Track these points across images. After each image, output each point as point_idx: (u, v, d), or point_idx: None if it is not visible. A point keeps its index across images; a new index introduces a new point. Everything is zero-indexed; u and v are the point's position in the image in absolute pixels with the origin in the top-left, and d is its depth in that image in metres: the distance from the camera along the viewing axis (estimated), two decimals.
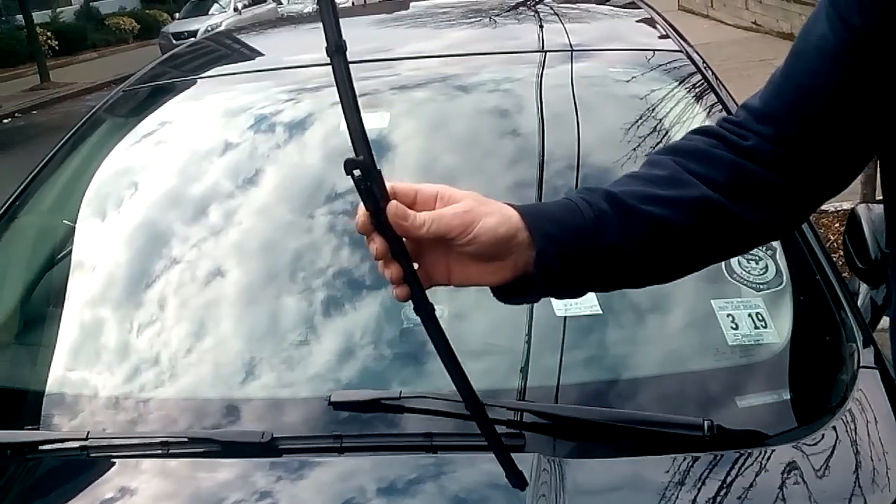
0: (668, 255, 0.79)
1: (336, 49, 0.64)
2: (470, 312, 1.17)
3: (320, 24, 0.65)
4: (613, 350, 1.10)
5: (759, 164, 0.79)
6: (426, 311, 0.72)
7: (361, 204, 0.68)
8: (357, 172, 0.65)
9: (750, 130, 0.81)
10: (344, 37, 0.64)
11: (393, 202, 0.69)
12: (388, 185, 0.69)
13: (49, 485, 1.03)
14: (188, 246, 1.35)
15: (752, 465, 0.94)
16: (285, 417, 1.05)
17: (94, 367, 1.20)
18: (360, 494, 0.93)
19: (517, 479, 0.77)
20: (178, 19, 17.61)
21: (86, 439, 1.03)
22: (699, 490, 0.90)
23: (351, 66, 0.65)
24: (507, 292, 0.76)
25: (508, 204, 0.74)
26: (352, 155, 0.65)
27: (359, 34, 2.17)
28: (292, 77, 1.71)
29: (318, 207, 1.34)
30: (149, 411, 1.10)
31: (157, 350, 1.19)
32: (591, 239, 0.74)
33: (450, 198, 0.72)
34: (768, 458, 0.94)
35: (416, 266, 0.72)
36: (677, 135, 1.41)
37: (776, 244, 1.19)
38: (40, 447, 1.05)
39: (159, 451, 1.01)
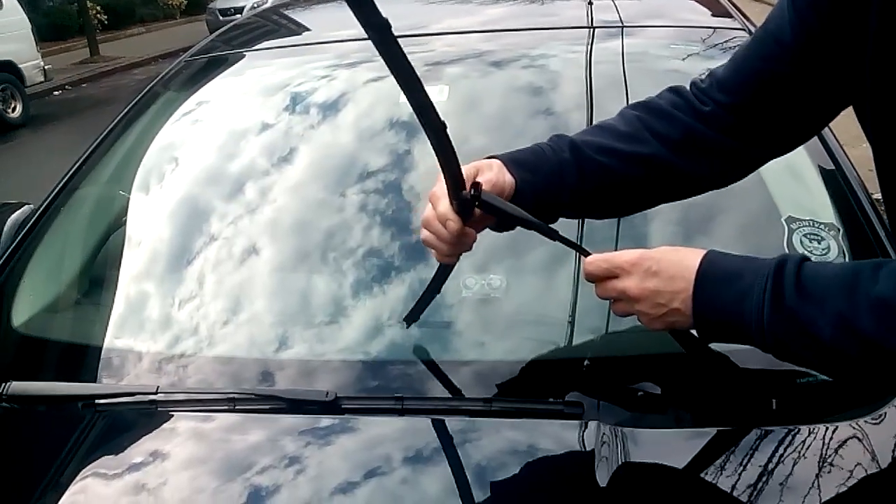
0: (616, 196, 0.97)
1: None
2: (521, 284, 1.19)
3: None
4: None
5: (711, 127, 0.94)
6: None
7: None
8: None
9: (709, 97, 0.95)
10: (399, 13, 0.68)
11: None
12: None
13: (118, 436, 1.07)
14: (249, 211, 1.38)
15: (809, 441, 0.94)
16: (347, 378, 1.07)
17: (156, 326, 1.24)
18: (419, 454, 0.96)
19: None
20: None
21: (155, 393, 1.06)
22: (756, 464, 0.91)
23: (407, 38, 0.70)
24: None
25: (492, 157, 0.94)
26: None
27: (413, 9, 2.18)
28: (348, 49, 1.73)
29: (382, 172, 1.37)
30: (212, 369, 1.13)
31: (221, 311, 1.23)
32: (556, 179, 0.94)
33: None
34: (826, 435, 0.94)
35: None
36: None
37: (839, 225, 1.19)
38: (111, 399, 1.09)
39: (225, 407, 1.04)
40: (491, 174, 0.91)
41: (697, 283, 0.81)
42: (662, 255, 0.85)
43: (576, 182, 0.94)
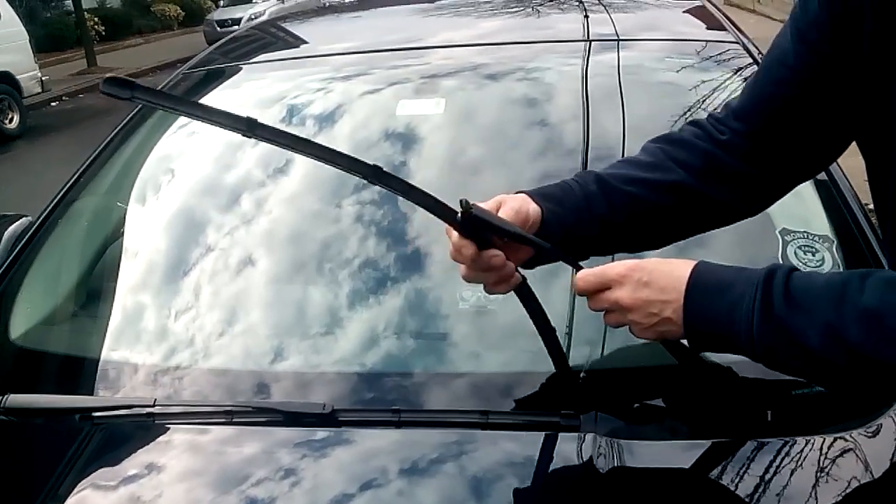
0: (647, 226, 0.96)
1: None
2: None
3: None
4: None
5: (730, 154, 0.95)
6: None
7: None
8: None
9: (726, 126, 0.96)
10: (396, 26, 0.72)
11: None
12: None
13: (116, 449, 1.07)
14: (246, 223, 1.38)
15: (804, 452, 0.94)
16: (344, 390, 1.08)
17: (154, 338, 1.24)
18: (416, 467, 0.96)
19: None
20: (222, 7, 17.79)
21: (152, 406, 1.06)
22: (752, 475, 0.91)
23: (407, 52, 0.75)
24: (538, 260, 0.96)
25: (520, 192, 0.94)
26: None
27: (410, 22, 2.19)
28: (345, 62, 1.74)
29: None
30: (209, 381, 1.13)
31: (218, 323, 1.23)
32: (584, 212, 0.93)
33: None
34: (821, 447, 0.95)
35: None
36: None
37: (833, 237, 1.19)
38: (108, 412, 1.09)
39: (223, 420, 1.04)
40: (514, 203, 0.91)
41: (688, 293, 0.82)
42: (654, 266, 0.86)
43: (605, 214, 0.94)
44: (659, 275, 0.85)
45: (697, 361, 0.96)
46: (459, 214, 0.87)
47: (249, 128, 0.81)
